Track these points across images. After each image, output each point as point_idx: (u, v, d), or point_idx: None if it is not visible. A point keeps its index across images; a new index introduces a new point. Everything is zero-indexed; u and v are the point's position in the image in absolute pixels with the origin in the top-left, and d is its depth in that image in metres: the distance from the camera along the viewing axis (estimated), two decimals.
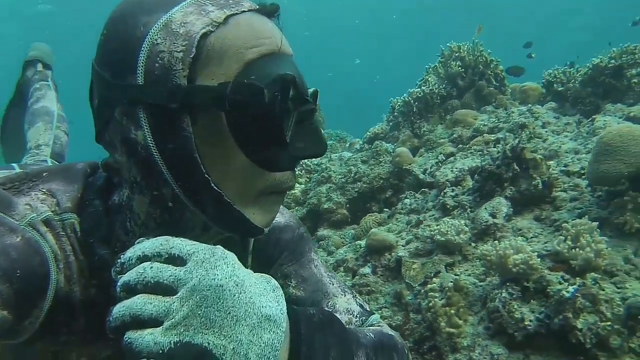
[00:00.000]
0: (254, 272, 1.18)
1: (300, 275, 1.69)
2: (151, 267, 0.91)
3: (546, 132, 7.49)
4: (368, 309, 1.70)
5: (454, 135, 8.36)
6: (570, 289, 3.96)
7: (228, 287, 0.90)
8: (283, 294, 1.01)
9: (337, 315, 1.54)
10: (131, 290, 0.90)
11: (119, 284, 0.92)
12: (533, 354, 4.08)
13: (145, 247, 0.95)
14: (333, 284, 1.71)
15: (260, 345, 0.89)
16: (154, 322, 0.87)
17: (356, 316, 1.63)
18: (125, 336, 0.87)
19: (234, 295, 0.90)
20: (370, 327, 1.52)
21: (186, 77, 1.08)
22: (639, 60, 8.16)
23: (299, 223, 1.80)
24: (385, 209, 7.63)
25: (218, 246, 0.96)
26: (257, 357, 0.89)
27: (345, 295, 1.69)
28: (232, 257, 0.96)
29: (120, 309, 0.89)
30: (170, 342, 0.84)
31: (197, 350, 0.84)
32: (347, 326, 1.42)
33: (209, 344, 0.85)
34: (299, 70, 1.20)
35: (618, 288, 4.43)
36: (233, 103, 1.07)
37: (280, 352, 0.93)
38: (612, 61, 8.25)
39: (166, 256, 0.93)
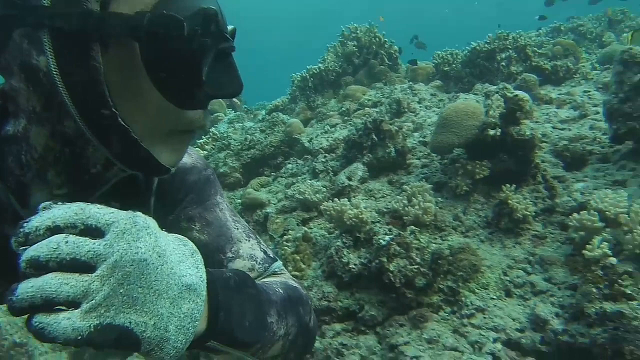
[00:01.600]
0: (165, 223, 1.27)
1: (204, 218, 1.61)
2: (66, 242, 0.82)
3: (420, 107, 8.19)
4: (271, 255, 1.67)
5: (343, 108, 9.01)
6: (387, 238, 4.62)
7: (152, 260, 0.86)
8: (201, 258, 0.99)
9: (241, 261, 1.56)
10: (41, 267, 0.81)
11: (24, 258, 0.82)
12: (358, 292, 4.73)
13: (56, 215, 0.85)
14: (238, 229, 1.65)
15: (179, 317, 0.89)
16: (70, 304, 0.81)
17: (259, 262, 1.60)
18: (34, 320, 0.80)
19: (157, 268, 0.87)
20: (277, 279, 1.54)
21: (99, 1, 0.99)
22: (509, 46, 8.95)
23: (206, 165, 1.70)
24: (273, 173, 8.23)
25: (138, 213, 0.91)
26: (176, 329, 0.89)
27: (249, 241, 1.64)
28: (153, 224, 0.91)
29: (28, 289, 0.80)
30: (90, 325, 0.79)
31: (119, 331, 0.82)
32: (258, 280, 1.49)
33: (130, 322, 0.82)
34: (220, 6, 1.14)
35: (442, 240, 5.14)
36: (149, 34, 0.99)
37: (199, 322, 0.94)
38: (487, 45, 9.01)
39: (82, 227, 0.85)
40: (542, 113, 7.34)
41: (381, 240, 4.62)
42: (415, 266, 4.49)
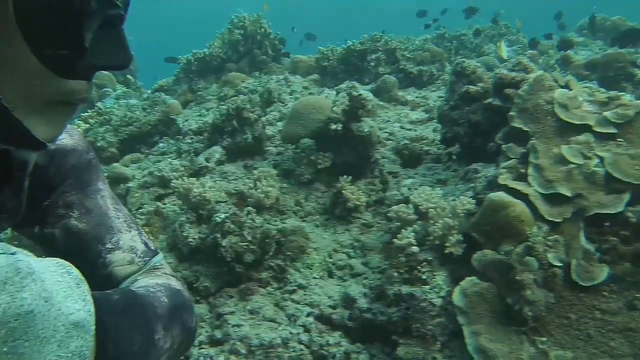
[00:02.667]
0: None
1: (84, 205, 1.48)
2: None
3: (290, 98, 8.57)
4: (153, 247, 1.58)
5: (222, 94, 9.29)
6: (222, 215, 4.95)
7: (38, 309, 0.77)
8: (87, 286, 0.90)
9: (120, 253, 1.47)
10: None
11: None
12: (195, 265, 5.05)
13: None
14: (119, 218, 1.54)
15: (67, 357, 0.81)
16: None
17: (140, 255, 1.50)
18: None
19: (44, 316, 0.78)
20: (159, 281, 1.43)
21: None
22: (380, 47, 9.42)
23: (88, 148, 1.57)
24: (146, 151, 8.46)
25: (17, 255, 0.79)
26: None
27: (130, 232, 1.54)
28: (36, 265, 0.81)
29: None
30: None
31: None
32: (137, 276, 1.45)
33: None
34: None
35: (282, 222, 5.51)
36: None
37: (89, 359, 0.86)
38: (360, 45, 9.47)
39: None
40: (395, 113, 7.82)
41: (217, 218, 4.93)
42: (246, 243, 4.82)
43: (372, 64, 9.48)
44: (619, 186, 4.21)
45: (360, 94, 5.76)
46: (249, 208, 5.18)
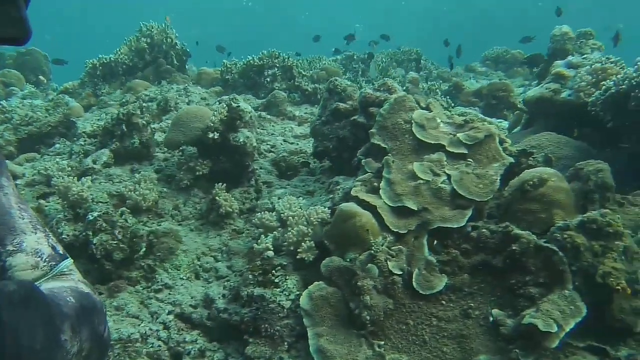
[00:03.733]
0: None
1: None
2: None
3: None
4: (61, 252, 1.46)
5: (124, 100, 9.19)
6: (95, 213, 4.91)
7: None
8: None
9: (23, 256, 1.34)
10: None
11: None
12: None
13: None
14: (23, 219, 1.41)
15: None
16: None
17: (45, 260, 1.37)
18: None
19: None
20: (65, 284, 1.33)
21: None
22: (277, 64, 9.51)
23: None
24: (43, 151, 8.30)
25: None
26: None
27: (35, 234, 1.40)
28: None
29: None
30: None
31: None
32: (43, 281, 1.33)
33: None
34: None
35: (159, 225, 5.48)
36: None
37: None
38: (258, 61, 9.54)
39: None
40: (282, 127, 7.91)
41: (90, 216, 4.89)
42: (116, 242, 4.80)
43: (268, 79, 9.56)
44: (463, 202, 4.36)
45: (238, 106, 5.80)
46: (123, 209, 5.15)
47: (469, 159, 4.70)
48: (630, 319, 3.77)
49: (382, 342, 3.85)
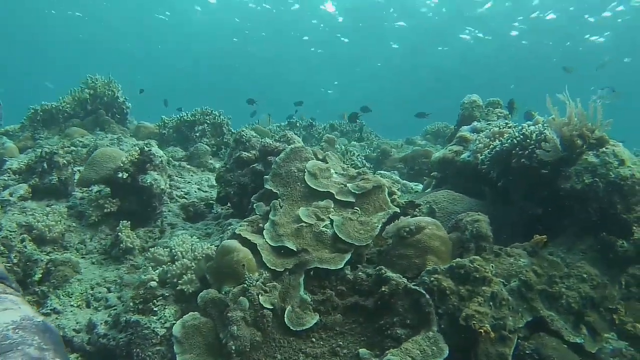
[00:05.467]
0: None
1: None
2: None
3: None
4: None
5: (60, 144, 9.04)
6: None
7: None
8: None
9: None
10: None
11: None
12: None
13: None
14: None
15: None
16: None
17: None
18: None
19: None
20: None
21: None
22: (207, 121, 9.51)
23: None
24: None
25: None
26: None
27: None
28: None
29: None
30: None
31: None
32: None
33: None
34: None
35: (60, 254, 5.31)
36: None
37: None
38: (191, 116, 9.53)
39: None
40: (199, 177, 7.87)
41: None
42: (10, 265, 4.64)
43: (197, 134, 9.54)
44: (343, 246, 4.32)
45: (150, 150, 5.74)
46: (24, 235, 5.01)
47: (355, 207, 4.69)
48: None
49: None
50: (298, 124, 13.83)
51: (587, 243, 4.86)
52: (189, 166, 8.14)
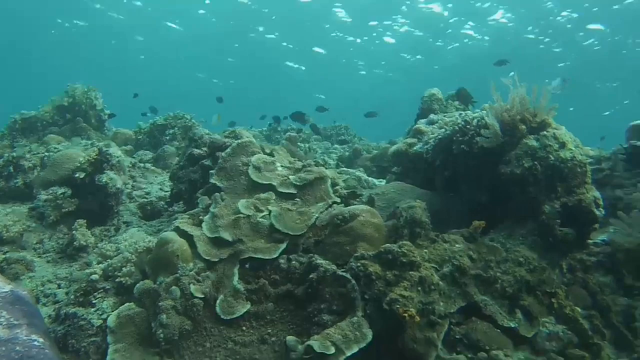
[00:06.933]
0: None
1: None
2: None
3: None
4: None
5: (26, 149, 9.13)
6: None
7: None
8: None
9: None
10: None
11: None
12: None
13: None
14: None
15: None
16: None
17: None
18: None
19: None
20: None
21: None
22: (178, 124, 9.62)
23: None
24: None
25: None
26: None
27: None
28: None
29: None
30: None
31: None
32: None
33: None
34: None
35: (17, 253, 5.39)
36: None
37: None
38: (163, 121, 9.64)
39: None
40: (163, 178, 7.95)
41: None
42: None
43: (168, 137, 9.65)
44: (278, 236, 4.37)
45: (107, 150, 5.82)
46: None
47: (297, 199, 4.75)
48: (421, 348, 3.75)
49: None
50: (279, 129, 13.89)
51: (528, 228, 4.88)
52: (153, 167, 8.23)
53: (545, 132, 4.95)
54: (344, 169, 7.93)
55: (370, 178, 6.85)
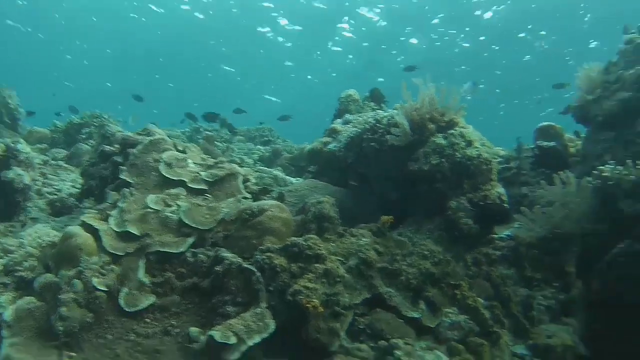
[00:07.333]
0: None
1: None
2: None
3: None
4: None
5: None
6: None
7: None
8: None
9: None
10: None
11: None
12: None
13: None
14: None
15: None
16: None
17: None
18: None
19: None
20: None
21: None
22: (95, 123, 9.51)
23: None
24: None
25: None
26: None
27: None
28: None
29: None
30: None
31: None
32: None
33: None
34: None
35: None
36: None
37: None
38: (80, 120, 9.52)
39: None
40: (77, 175, 7.82)
41: None
42: None
43: (83, 136, 9.52)
44: (187, 230, 4.38)
45: (15, 146, 5.70)
46: None
47: (207, 194, 4.76)
48: (325, 338, 3.82)
49: (75, 354, 3.71)
50: (201, 129, 13.81)
51: (435, 222, 5.03)
52: (66, 165, 8.09)
53: (452, 131, 5.11)
54: (262, 167, 7.96)
55: (287, 177, 6.89)
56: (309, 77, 45.97)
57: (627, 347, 4.63)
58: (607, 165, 4.97)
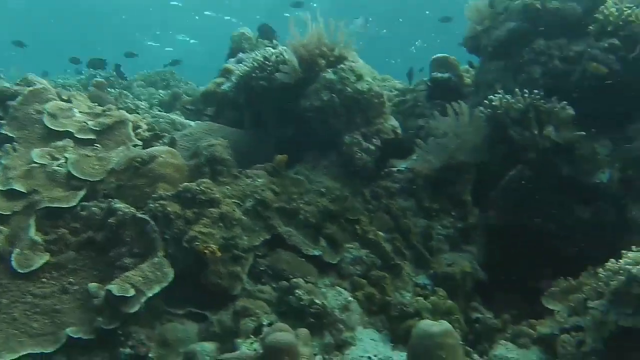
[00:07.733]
0: None
1: None
2: None
3: None
4: None
5: None
6: None
7: None
8: None
9: None
10: None
11: None
12: None
13: None
14: None
15: None
16: None
17: None
18: None
19: None
20: None
21: None
22: None
23: None
24: None
25: None
26: None
27: None
28: None
29: None
30: None
31: None
32: None
33: None
34: None
35: None
36: None
37: None
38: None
39: None
40: None
41: None
42: None
43: None
44: (77, 183, 4.25)
45: None
46: None
47: (96, 144, 4.63)
48: (226, 282, 3.82)
49: None
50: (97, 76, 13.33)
51: (330, 159, 5.06)
52: None
53: (342, 65, 5.11)
54: (159, 112, 7.75)
55: (185, 120, 6.75)
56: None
57: (520, 270, 4.86)
58: (496, 95, 5.08)
